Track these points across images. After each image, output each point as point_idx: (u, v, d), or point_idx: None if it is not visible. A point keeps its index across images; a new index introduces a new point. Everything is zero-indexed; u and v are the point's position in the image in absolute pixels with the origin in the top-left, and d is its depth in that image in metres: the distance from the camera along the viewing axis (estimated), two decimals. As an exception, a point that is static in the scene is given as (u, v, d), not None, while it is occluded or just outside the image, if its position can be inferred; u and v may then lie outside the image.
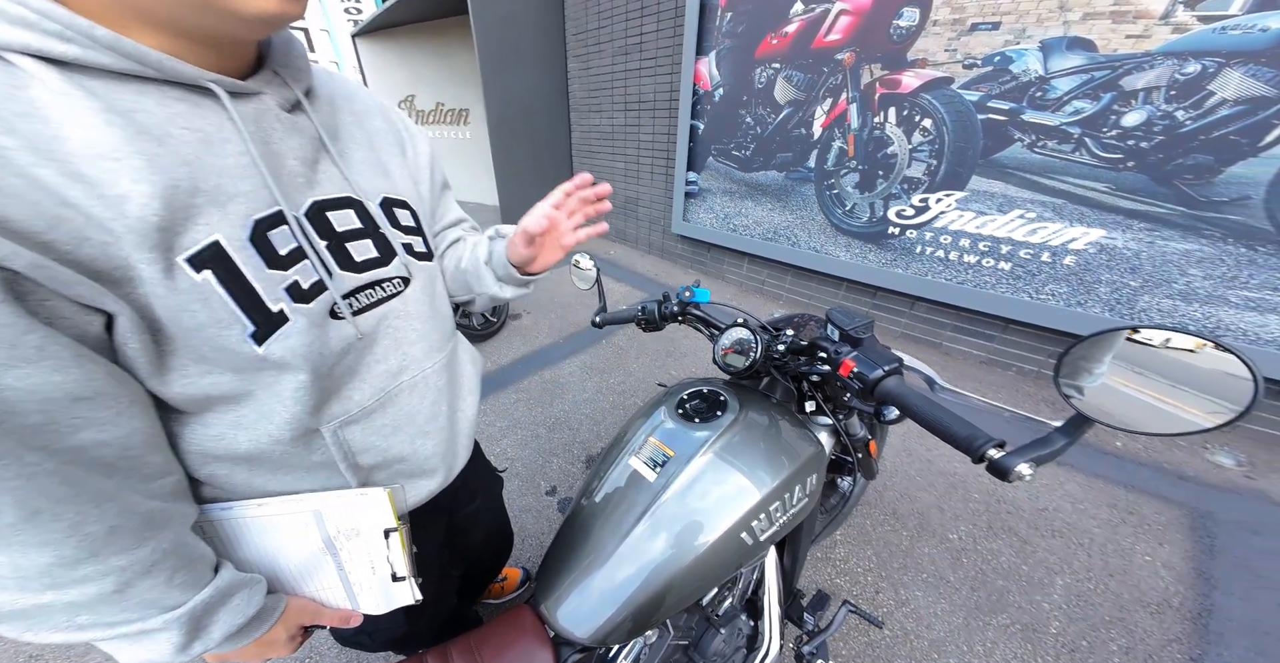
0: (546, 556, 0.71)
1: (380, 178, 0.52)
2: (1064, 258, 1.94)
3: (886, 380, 0.56)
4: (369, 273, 0.48)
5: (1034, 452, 0.44)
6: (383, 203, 0.51)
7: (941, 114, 2.07)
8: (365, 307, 0.48)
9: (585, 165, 4.54)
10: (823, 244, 2.69)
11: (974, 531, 1.48)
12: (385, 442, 0.53)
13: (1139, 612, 1.22)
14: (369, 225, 0.48)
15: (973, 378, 2.28)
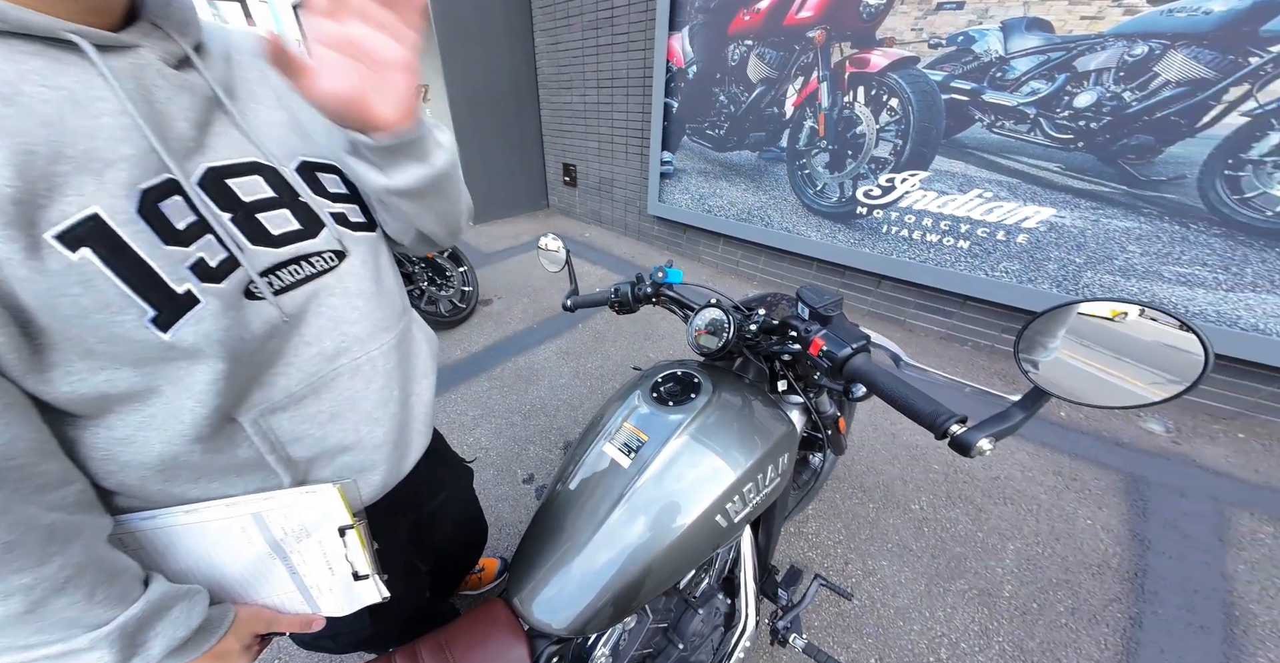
0: (520, 546, 0.69)
1: (296, 139, 0.46)
2: (1017, 236, 2.02)
3: (854, 358, 0.56)
4: (291, 247, 0.43)
5: (994, 427, 0.45)
6: (301, 167, 0.46)
7: (908, 93, 2.09)
8: (289, 285, 0.43)
9: (557, 144, 4.38)
10: (795, 224, 2.71)
11: (934, 500, 1.56)
12: (322, 430, 0.49)
13: (1083, 574, 1.32)
14: (285, 193, 0.43)
15: (933, 354, 2.37)
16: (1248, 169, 1.55)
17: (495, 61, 3.90)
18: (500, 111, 4.11)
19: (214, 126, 0.40)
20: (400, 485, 0.61)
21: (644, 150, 3.42)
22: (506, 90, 4.07)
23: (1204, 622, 1.19)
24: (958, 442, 0.45)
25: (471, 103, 3.88)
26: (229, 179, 0.40)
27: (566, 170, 4.34)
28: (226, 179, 0.40)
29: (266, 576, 0.49)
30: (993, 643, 1.16)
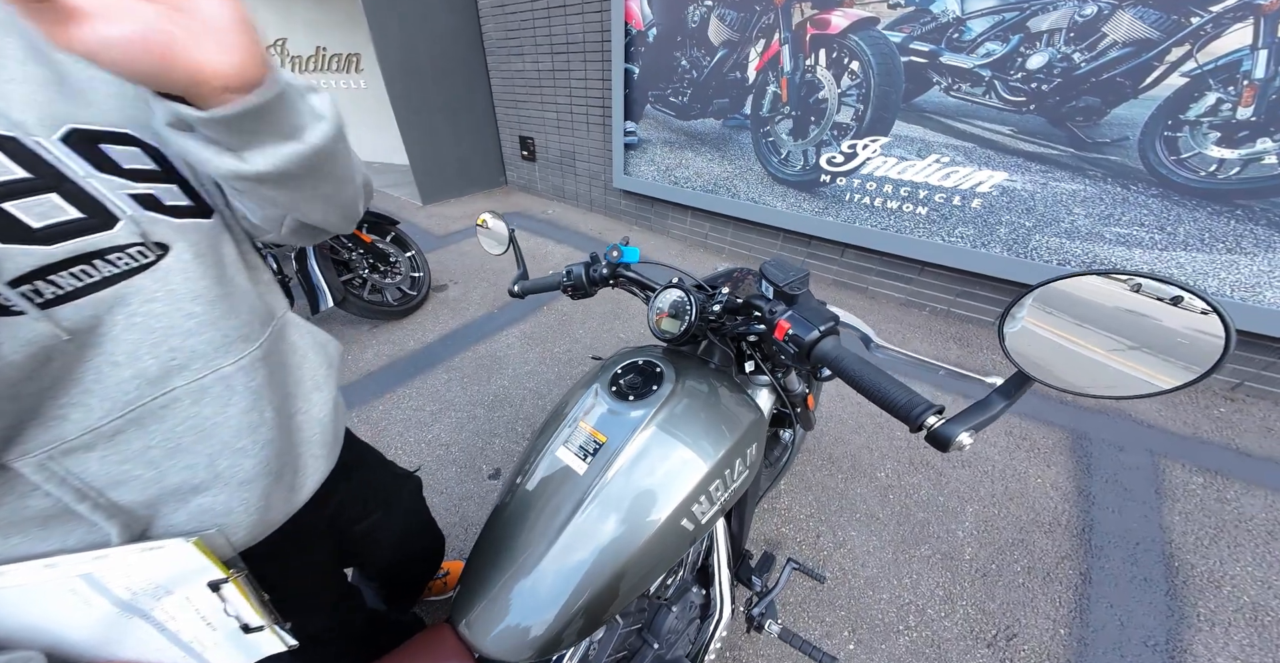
0: (468, 561, 0.62)
1: (59, 100, 0.34)
2: (972, 201, 2.03)
3: (822, 342, 0.50)
4: (69, 243, 0.33)
5: (974, 418, 0.41)
6: (71, 138, 0.34)
7: (868, 56, 2.02)
8: (69, 292, 0.33)
9: (511, 116, 4.07)
10: (760, 194, 2.65)
11: (898, 467, 1.60)
12: (155, 470, 0.40)
13: (1036, 532, 1.38)
14: (43, 173, 0.32)
15: (894, 320, 2.42)
16: (1185, 130, 1.58)
17: (433, 25, 3.51)
18: (444, 81, 3.74)
19: None
20: (308, 516, 0.52)
21: (606, 120, 3.23)
22: (449, 57, 3.70)
23: (1147, 574, 1.26)
24: (935, 436, 0.41)
25: (409, 73, 3.51)
26: None
27: (524, 144, 4.07)
28: None
29: (125, 634, 0.41)
30: (957, 607, 1.20)
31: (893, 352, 0.62)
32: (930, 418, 0.42)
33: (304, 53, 5.17)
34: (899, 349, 0.61)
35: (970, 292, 2.29)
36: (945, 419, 0.42)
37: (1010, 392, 0.42)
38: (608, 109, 3.16)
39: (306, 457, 0.53)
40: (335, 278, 2.04)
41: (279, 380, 0.49)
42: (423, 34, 3.48)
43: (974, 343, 2.22)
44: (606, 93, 3.10)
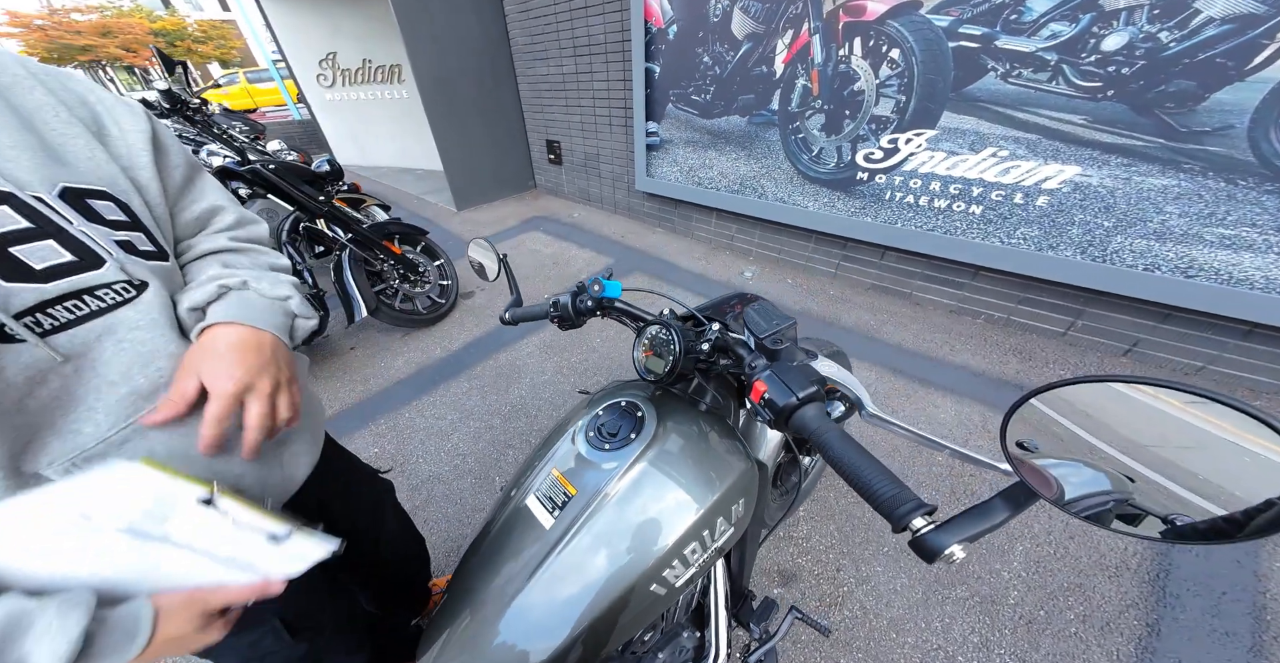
0: (441, 606, 0.61)
1: (50, 164, 0.41)
2: (1037, 199, 1.81)
3: (801, 411, 0.44)
4: (63, 281, 0.40)
5: (970, 526, 0.34)
6: (66, 194, 0.41)
7: (910, 43, 1.84)
8: (65, 323, 0.40)
9: (539, 120, 4.11)
10: (790, 194, 2.50)
11: (937, 497, 1.46)
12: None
13: (1098, 576, 1.22)
14: (43, 223, 0.39)
15: (942, 329, 2.21)
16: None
17: (463, 33, 3.59)
18: (475, 88, 3.83)
19: None
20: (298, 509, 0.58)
21: (628, 121, 3.18)
22: (479, 64, 3.78)
23: (1230, 628, 1.09)
24: (921, 543, 0.34)
25: (441, 81, 3.62)
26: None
27: (551, 147, 4.10)
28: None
29: (161, 561, 0.43)
30: (993, 656, 1.08)
31: (889, 423, 0.53)
32: (917, 520, 0.35)
33: (352, 65, 5.48)
34: (895, 421, 0.52)
35: (1034, 298, 2.05)
36: (935, 524, 0.35)
37: (1019, 502, 0.34)
38: (629, 110, 3.11)
39: (287, 454, 0.58)
40: (369, 288, 2.14)
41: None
42: (453, 42, 3.57)
43: (1037, 356, 1.99)
44: (628, 93, 3.05)
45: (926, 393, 1.86)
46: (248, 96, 12.24)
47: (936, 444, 0.49)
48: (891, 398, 1.84)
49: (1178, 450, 0.32)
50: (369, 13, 4.83)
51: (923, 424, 1.72)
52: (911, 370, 1.98)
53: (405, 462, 1.67)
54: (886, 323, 2.30)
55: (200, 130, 2.64)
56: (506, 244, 3.48)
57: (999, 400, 1.80)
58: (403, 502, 1.48)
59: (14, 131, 0.40)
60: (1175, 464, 0.32)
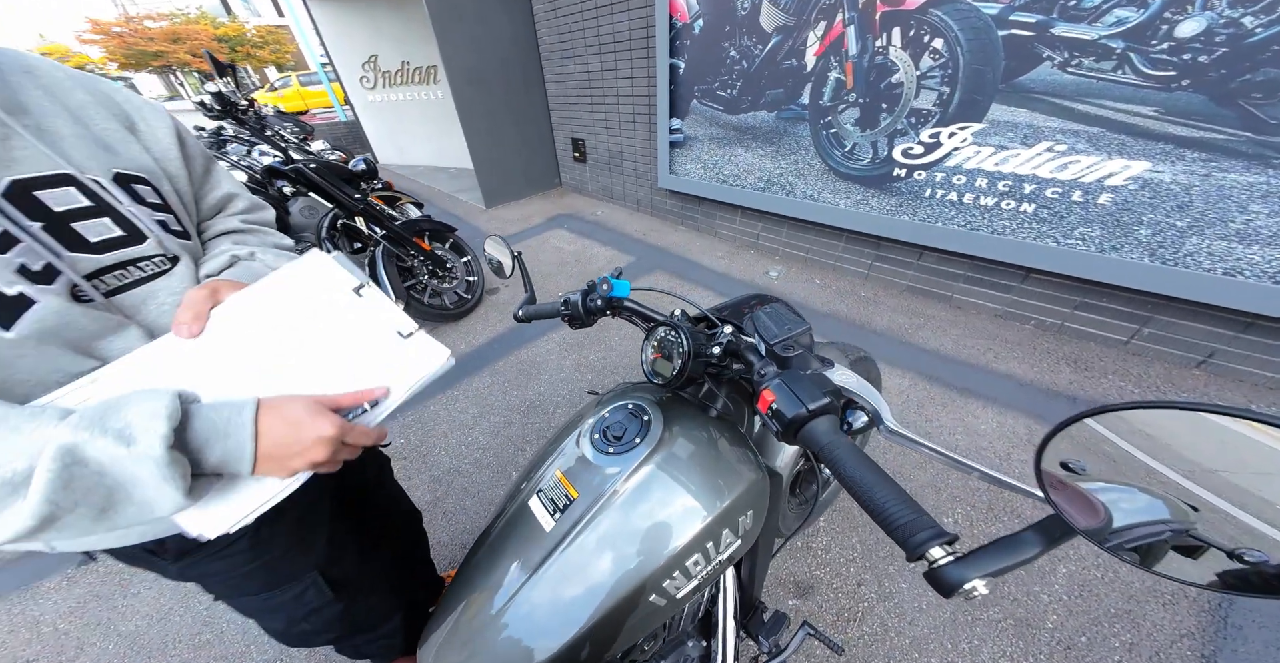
0: (447, 589, 0.62)
1: (102, 152, 0.48)
2: (1098, 197, 1.66)
3: (812, 424, 0.41)
4: (114, 253, 0.46)
5: (995, 560, 0.30)
6: (117, 179, 0.48)
7: (955, 32, 1.72)
8: (118, 288, 0.47)
9: (565, 119, 4.14)
10: (820, 192, 2.41)
11: (972, 513, 1.37)
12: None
13: (1150, 603, 1.12)
14: (100, 203, 0.45)
15: (986, 335, 2.08)
16: None
17: (494, 34, 3.65)
18: (504, 85, 3.89)
19: (13, 141, 0.41)
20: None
21: (651, 118, 3.15)
22: (509, 64, 3.84)
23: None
24: (937, 575, 0.31)
25: (474, 82, 3.69)
26: (37, 191, 0.41)
27: (576, 146, 4.12)
28: (35, 191, 0.41)
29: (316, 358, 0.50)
30: (1026, 685, 1.01)
31: (911, 440, 0.49)
32: (935, 550, 0.32)
33: (391, 68, 5.69)
34: (918, 438, 0.48)
35: (1093, 304, 1.89)
36: (955, 556, 0.31)
37: (1054, 536, 0.31)
38: (652, 106, 3.07)
39: None
40: (400, 284, 2.22)
41: None
42: (485, 44, 3.64)
43: (1094, 366, 1.84)
44: (651, 90, 3.02)
45: (965, 402, 1.75)
46: (300, 99, 12.94)
47: (965, 466, 0.44)
48: (926, 406, 1.75)
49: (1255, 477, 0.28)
50: (408, 15, 4.99)
51: (960, 435, 1.63)
52: (950, 378, 1.87)
53: (427, 453, 1.72)
54: (923, 327, 2.19)
55: (251, 132, 2.80)
56: (531, 242, 3.53)
57: (1048, 412, 1.68)
58: (422, 493, 1.56)
59: (71, 123, 0.46)
60: (1250, 492, 0.28)
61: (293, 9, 5.90)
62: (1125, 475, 0.33)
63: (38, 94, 0.45)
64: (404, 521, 1.03)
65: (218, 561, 0.58)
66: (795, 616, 1.16)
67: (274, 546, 0.62)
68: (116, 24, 22.40)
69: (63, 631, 1.24)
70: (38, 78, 0.46)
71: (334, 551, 0.71)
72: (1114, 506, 0.33)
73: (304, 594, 0.67)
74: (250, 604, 0.67)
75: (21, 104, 0.43)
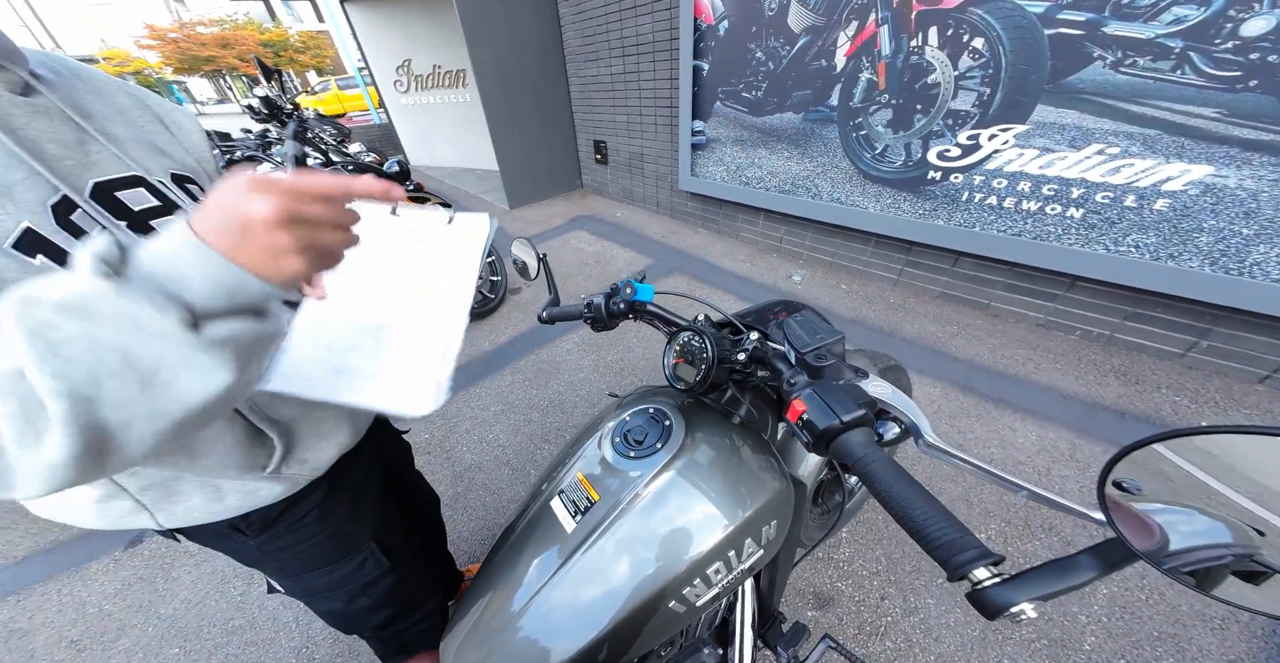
0: (470, 585, 0.63)
1: (157, 154, 0.49)
2: (1154, 202, 1.57)
3: (846, 436, 0.40)
4: None
5: (1045, 584, 0.29)
6: (174, 178, 0.49)
7: (997, 32, 1.66)
8: None
9: (587, 121, 4.18)
10: (848, 194, 2.36)
11: (1008, 529, 1.31)
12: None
13: (1197, 626, 1.05)
14: (166, 203, 0.47)
15: (1025, 344, 1.99)
16: None
17: (521, 37, 3.72)
18: (530, 90, 3.96)
19: (89, 145, 0.42)
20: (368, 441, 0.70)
21: (673, 120, 3.14)
22: (534, 67, 3.90)
23: None
24: (981, 597, 0.30)
25: (501, 85, 3.77)
26: (117, 192, 0.43)
27: (598, 148, 4.15)
28: (115, 192, 0.43)
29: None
30: (1061, 712, 0.95)
31: (952, 456, 0.46)
32: (979, 571, 0.30)
33: (424, 72, 5.86)
34: (960, 454, 0.45)
35: (1146, 314, 1.79)
36: (1001, 577, 0.30)
37: (1112, 561, 0.29)
38: (675, 108, 3.06)
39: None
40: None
41: None
42: (513, 48, 3.70)
43: (1146, 380, 1.74)
44: (674, 92, 3.01)
45: (1002, 414, 1.68)
46: (338, 102, 13.47)
47: (1012, 484, 0.42)
48: (959, 418, 1.68)
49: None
50: (440, 20, 5.13)
51: (996, 448, 1.56)
52: (985, 389, 1.80)
53: (450, 449, 1.76)
54: (957, 336, 2.11)
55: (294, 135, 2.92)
56: (552, 242, 3.56)
57: (1093, 427, 1.59)
58: (444, 489, 1.59)
59: (126, 126, 0.47)
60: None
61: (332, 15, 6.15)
62: (1184, 497, 0.32)
63: (91, 98, 0.46)
64: (425, 507, 1.06)
65: (291, 533, 0.62)
66: (815, 627, 1.14)
67: (338, 515, 0.66)
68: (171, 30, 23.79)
69: (107, 612, 1.31)
70: (88, 82, 0.47)
71: (382, 520, 0.75)
72: (1171, 528, 0.31)
73: (364, 564, 0.71)
74: (315, 582, 0.70)
75: (85, 109, 0.44)
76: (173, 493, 0.51)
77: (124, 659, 1.20)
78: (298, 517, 0.62)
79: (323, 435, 0.61)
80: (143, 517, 0.51)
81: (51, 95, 0.41)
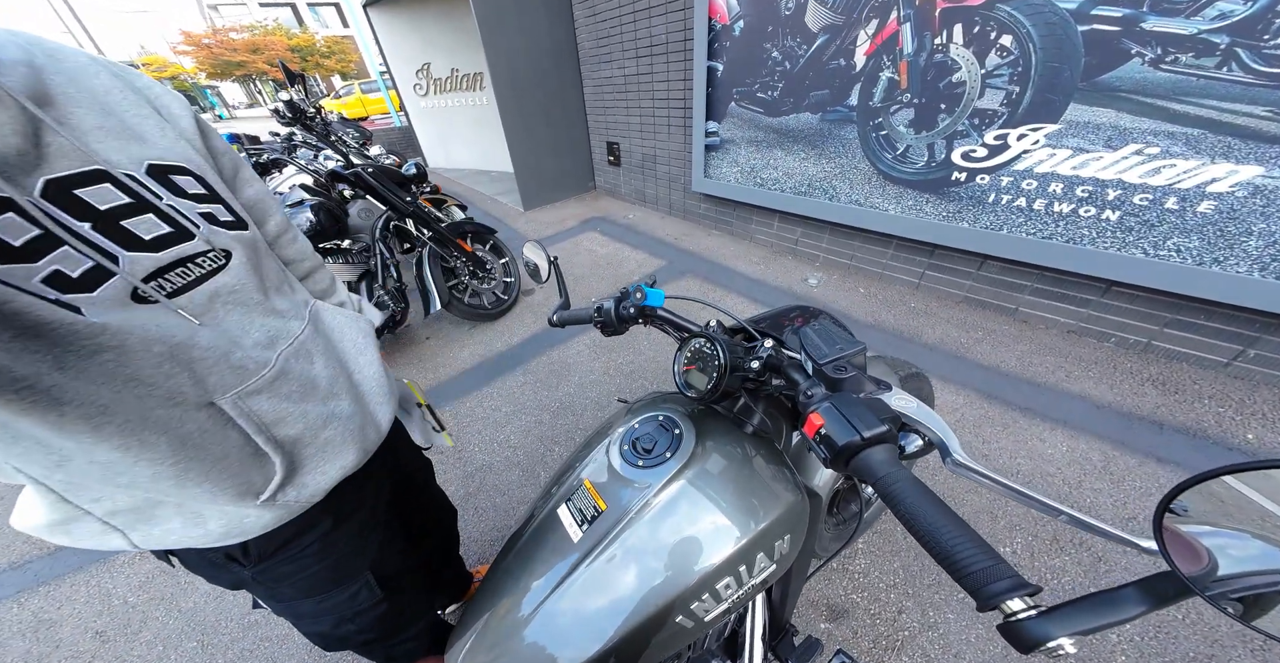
0: (476, 592, 0.63)
1: (134, 143, 0.44)
2: (1198, 204, 1.49)
3: (866, 453, 0.37)
4: (170, 250, 0.43)
5: (1087, 618, 0.27)
6: (150, 171, 0.44)
7: (1027, 28, 1.60)
8: (181, 287, 0.44)
9: (601, 123, 4.18)
10: (867, 196, 2.30)
11: (1034, 543, 1.26)
12: (299, 406, 0.53)
13: (1237, 648, 0.98)
14: (139, 199, 0.42)
15: (1055, 351, 1.92)
16: None
17: (537, 41, 3.75)
18: (544, 92, 3.98)
19: (45, 137, 0.37)
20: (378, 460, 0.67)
21: (686, 121, 3.12)
22: (549, 70, 3.92)
23: None
24: (1015, 630, 0.28)
25: (517, 88, 3.80)
26: (77, 189, 0.38)
27: (610, 149, 4.16)
28: (74, 189, 0.38)
29: None
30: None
31: (982, 476, 0.43)
32: (1014, 602, 0.28)
33: (442, 75, 5.95)
34: (991, 473, 0.42)
35: (1187, 321, 1.70)
36: (1037, 609, 0.28)
37: (1164, 595, 0.27)
38: (688, 109, 3.04)
39: (372, 404, 0.67)
40: (444, 284, 2.31)
41: (332, 348, 0.63)
42: (528, 51, 3.73)
43: (1186, 389, 1.66)
44: (688, 93, 2.99)
45: (1030, 423, 1.61)
46: (361, 105, 13.82)
47: (1048, 507, 0.39)
48: (983, 427, 1.62)
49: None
50: (459, 24, 5.21)
51: (1023, 459, 1.50)
52: (1011, 397, 1.73)
53: (462, 449, 1.77)
54: (981, 341, 2.04)
55: (318, 137, 3.00)
56: (565, 244, 3.57)
57: (1129, 439, 1.52)
58: (455, 489, 1.60)
59: (96, 113, 0.42)
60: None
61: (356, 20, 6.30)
62: (1236, 520, 0.30)
63: (60, 80, 0.40)
64: (441, 520, 1.05)
65: (290, 563, 0.59)
66: (828, 641, 1.10)
67: (340, 547, 0.63)
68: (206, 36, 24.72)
69: (131, 604, 1.35)
70: (60, 63, 0.41)
71: (384, 546, 0.72)
72: (1220, 552, 0.29)
73: (358, 594, 0.68)
74: (304, 608, 0.67)
75: (48, 94, 0.39)
76: (149, 518, 0.47)
77: (145, 651, 1.23)
78: (300, 548, 0.59)
79: (328, 457, 0.57)
80: (114, 538, 0.47)
81: (3, 80, 0.35)
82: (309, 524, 0.58)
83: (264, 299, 0.52)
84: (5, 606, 1.36)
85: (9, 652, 1.25)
